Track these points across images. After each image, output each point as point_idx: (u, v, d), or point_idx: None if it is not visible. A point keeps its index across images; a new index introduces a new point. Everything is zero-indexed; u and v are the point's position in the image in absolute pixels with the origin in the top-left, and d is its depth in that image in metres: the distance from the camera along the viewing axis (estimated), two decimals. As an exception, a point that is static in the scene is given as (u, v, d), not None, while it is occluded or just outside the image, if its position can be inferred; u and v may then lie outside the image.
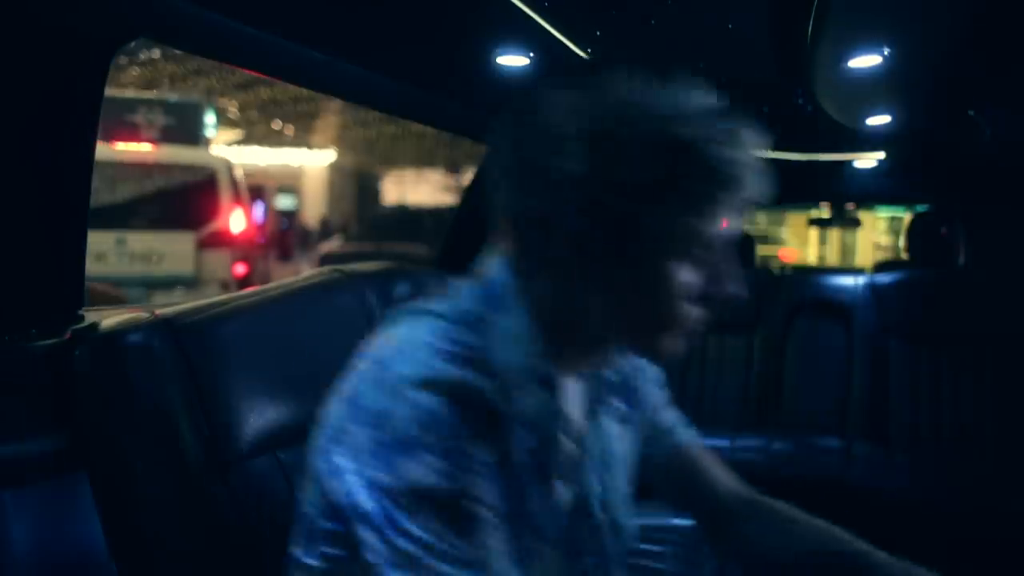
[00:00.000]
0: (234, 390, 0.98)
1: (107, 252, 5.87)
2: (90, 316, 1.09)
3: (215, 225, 6.18)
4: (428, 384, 0.68)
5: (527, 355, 0.76)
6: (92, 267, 1.20)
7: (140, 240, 5.97)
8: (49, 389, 0.95)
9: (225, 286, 6.05)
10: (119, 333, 0.96)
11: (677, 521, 1.84)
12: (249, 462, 0.97)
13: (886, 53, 1.50)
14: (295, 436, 0.94)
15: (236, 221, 6.24)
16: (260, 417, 0.99)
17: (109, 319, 1.00)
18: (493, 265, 0.80)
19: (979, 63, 1.62)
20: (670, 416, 1.01)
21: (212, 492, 0.93)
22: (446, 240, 2.41)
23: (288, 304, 1.16)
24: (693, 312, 0.76)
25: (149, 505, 0.93)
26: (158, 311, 1.00)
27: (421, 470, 0.65)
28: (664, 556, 1.72)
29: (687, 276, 0.73)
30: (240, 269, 6.22)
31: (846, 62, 1.56)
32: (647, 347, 0.80)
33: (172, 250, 6.04)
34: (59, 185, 1.06)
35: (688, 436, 1.01)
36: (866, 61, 1.55)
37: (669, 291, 0.73)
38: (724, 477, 1.00)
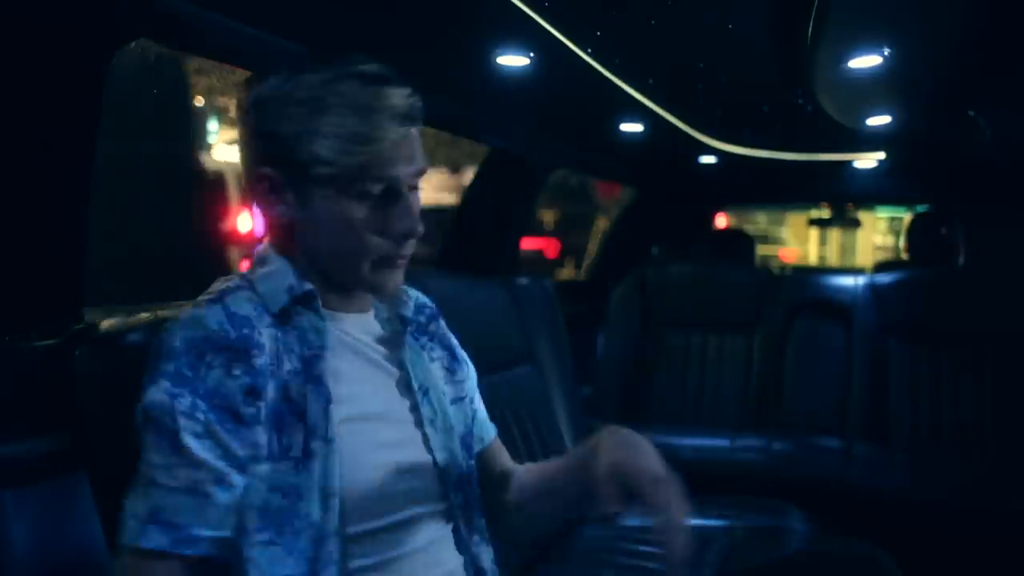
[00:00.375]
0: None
1: (121, 252, 6.05)
2: (90, 316, 1.09)
3: (226, 225, 6.43)
4: (173, 325, 0.83)
5: (285, 286, 0.89)
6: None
7: None
8: (49, 389, 0.95)
9: None
10: (119, 333, 0.96)
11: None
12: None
13: (886, 53, 1.50)
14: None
15: (244, 221, 6.54)
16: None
17: (109, 319, 1.00)
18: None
19: (979, 64, 1.62)
20: (482, 412, 1.09)
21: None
22: (447, 239, 2.41)
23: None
24: (384, 246, 0.87)
25: (149, 505, 0.93)
26: (158, 311, 1.00)
27: (157, 393, 0.79)
28: (664, 556, 1.71)
29: (361, 211, 0.85)
30: (247, 266, 6.48)
31: (846, 62, 1.55)
32: (359, 280, 0.91)
33: None
34: (59, 185, 1.06)
35: (492, 432, 1.10)
36: (866, 61, 1.55)
37: (349, 225, 0.85)
38: (509, 461, 1.10)
